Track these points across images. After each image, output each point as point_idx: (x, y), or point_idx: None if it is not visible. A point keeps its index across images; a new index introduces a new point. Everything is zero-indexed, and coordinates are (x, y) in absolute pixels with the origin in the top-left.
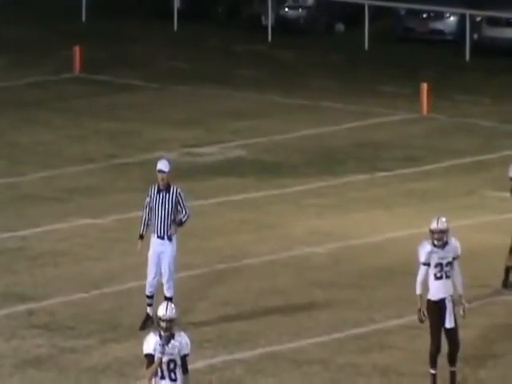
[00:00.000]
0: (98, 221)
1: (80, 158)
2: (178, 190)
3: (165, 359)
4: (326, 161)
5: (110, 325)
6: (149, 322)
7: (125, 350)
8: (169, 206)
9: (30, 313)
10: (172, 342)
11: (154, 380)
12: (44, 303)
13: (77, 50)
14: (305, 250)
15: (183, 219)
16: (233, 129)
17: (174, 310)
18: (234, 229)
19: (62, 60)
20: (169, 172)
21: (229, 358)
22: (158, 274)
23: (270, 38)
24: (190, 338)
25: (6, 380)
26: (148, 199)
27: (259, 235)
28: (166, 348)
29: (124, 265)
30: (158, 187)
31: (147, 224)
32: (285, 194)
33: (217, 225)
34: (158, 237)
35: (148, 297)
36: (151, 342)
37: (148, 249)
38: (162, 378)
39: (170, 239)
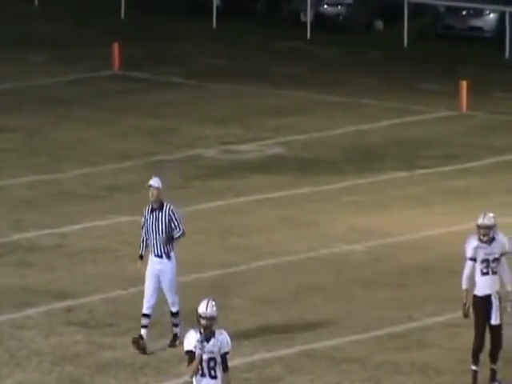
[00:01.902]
0: (137, 218)
1: (119, 155)
2: (171, 208)
3: (205, 357)
4: (365, 158)
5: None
6: (142, 343)
7: (163, 347)
8: (162, 224)
9: (69, 310)
10: (212, 339)
11: (194, 377)
12: (83, 300)
13: (116, 46)
14: (343, 248)
15: (176, 236)
16: (271, 126)
17: (214, 308)
18: (272, 226)
19: (101, 57)
20: (159, 188)
21: (267, 355)
22: (156, 292)
23: (308, 35)
24: (229, 335)
25: (45, 377)
26: (143, 219)
27: (298, 232)
28: (207, 346)
29: None
30: (152, 207)
31: (146, 244)
32: (323, 191)
33: (256, 222)
34: (155, 255)
35: (144, 315)
36: (192, 339)
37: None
38: (203, 375)
39: (168, 257)
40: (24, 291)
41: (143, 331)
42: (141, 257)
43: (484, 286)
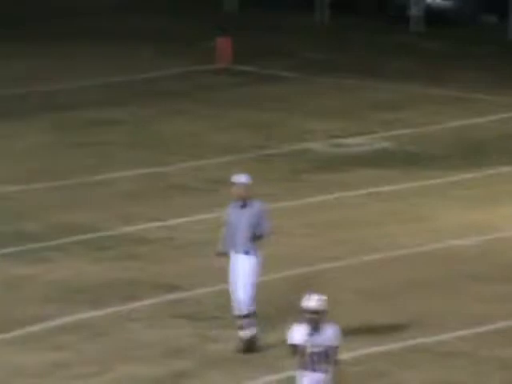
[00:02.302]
0: None
1: (226, 149)
2: (259, 205)
3: (314, 350)
4: (474, 152)
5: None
6: (250, 345)
7: (270, 341)
8: (247, 221)
9: (177, 302)
10: (321, 333)
11: (301, 371)
12: (190, 293)
13: (223, 40)
14: (453, 243)
15: (261, 234)
16: (379, 120)
17: (319, 302)
18: (380, 220)
19: (208, 51)
20: (247, 185)
21: (374, 350)
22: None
23: (417, 28)
24: (338, 329)
25: (152, 369)
26: (227, 216)
27: (406, 227)
28: (314, 339)
29: (269, 255)
30: (239, 203)
31: (227, 241)
32: (432, 185)
33: (363, 216)
34: (237, 253)
35: (235, 317)
36: (297, 333)
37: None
38: (310, 369)
39: (249, 254)
40: (132, 284)
41: (241, 333)
42: (219, 253)
43: None
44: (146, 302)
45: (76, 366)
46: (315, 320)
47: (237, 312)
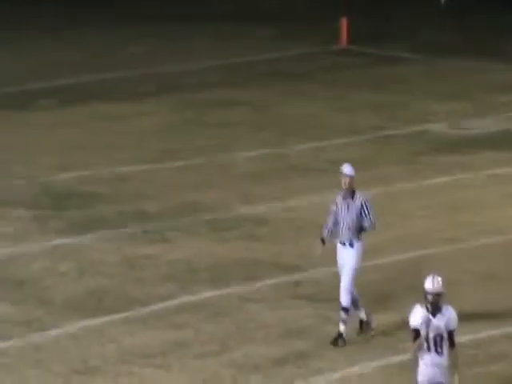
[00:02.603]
0: (365, 193)
1: (346, 130)
2: (363, 198)
3: (431, 333)
4: None
5: (376, 296)
6: (340, 341)
7: (391, 322)
8: (352, 213)
9: (297, 283)
10: (439, 315)
11: (420, 353)
12: (310, 274)
13: (344, 21)
14: None
15: (365, 226)
16: (501, 102)
17: (441, 284)
18: (501, 202)
19: (329, 32)
20: (352, 176)
21: (494, 332)
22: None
23: None
24: (456, 311)
25: (272, 350)
26: (334, 206)
27: None
28: (433, 322)
29: (389, 237)
30: (344, 194)
31: (331, 231)
32: None
33: (484, 198)
34: (340, 243)
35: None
36: (417, 316)
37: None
38: (429, 351)
39: (351, 245)
40: (252, 264)
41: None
42: (323, 241)
43: None
44: (266, 283)
45: (195, 346)
46: (436, 302)
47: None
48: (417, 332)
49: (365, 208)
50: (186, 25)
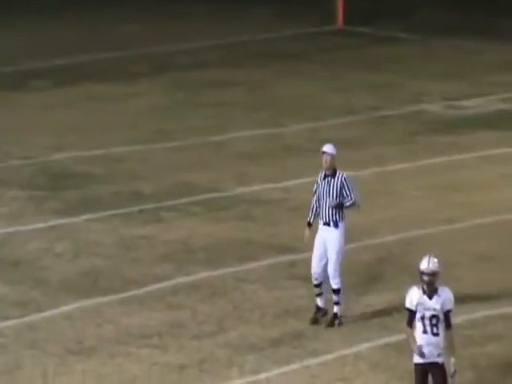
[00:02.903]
0: (359, 173)
1: (342, 110)
2: (344, 176)
3: (427, 314)
4: None
5: (371, 276)
6: (320, 316)
7: (386, 302)
8: (334, 192)
9: (292, 264)
10: (435, 296)
11: (416, 334)
12: (305, 255)
13: (340, 1)
14: None
15: (346, 204)
16: (496, 81)
17: (436, 264)
18: (496, 183)
19: (326, 12)
20: (333, 155)
21: (490, 313)
22: (323, 261)
23: None
24: (452, 292)
25: (267, 330)
26: (315, 186)
27: None
28: (429, 303)
29: (384, 217)
30: (325, 173)
31: (316, 212)
32: None
33: (479, 178)
34: (324, 223)
35: (315, 286)
36: (413, 296)
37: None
38: (425, 332)
39: (336, 225)
40: (247, 244)
41: (318, 300)
42: (309, 224)
43: None
44: (262, 263)
45: (192, 326)
46: (432, 282)
47: (314, 282)
48: (412, 313)
49: (346, 186)
50: (182, 4)
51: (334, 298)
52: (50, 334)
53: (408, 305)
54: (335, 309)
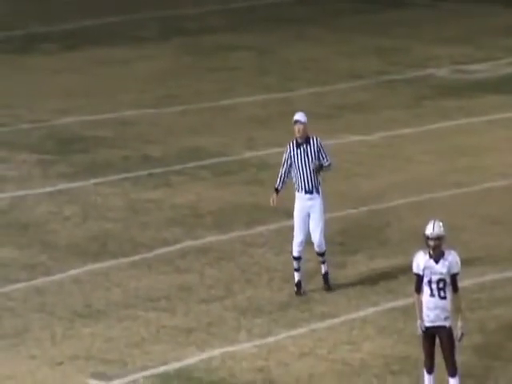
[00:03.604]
0: (367, 137)
1: (349, 75)
2: (319, 139)
3: (434, 278)
4: None
5: (378, 241)
6: (301, 290)
7: (393, 266)
8: (312, 157)
9: None
10: (442, 260)
11: (423, 298)
12: None
13: None
14: None
15: (325, 165)
16: (504, 46)
17: (441, 228)
18: (504, 146)
19: None
20: (305, 123)
21: (498, 276)
22: (306, 229)
23: None
24: (459, 256)
25: (275, 293)
26: (286, 155)
27: None
28: (436, 267)
29: (392, 181)
30: (297, 141)
31: (284, 181)
32: None
33: (487, 142)
34: (306, 192)
35: (295, 258)
36: (420, 261)
37: (293, 207)
38: (432, 295)
39: (318, 192)
40: (255, 209)
41: (297, 275)
42: (276, 190)
43: None
44: (269, 227)
45: (200, 290)
46: (437, 246)
47: (296, 254)
48: (419, 277)
49: (322, 149)
50: None
51: (322, 258)
52: (58, 298)
53: (415, 269)
54: (325, 268)
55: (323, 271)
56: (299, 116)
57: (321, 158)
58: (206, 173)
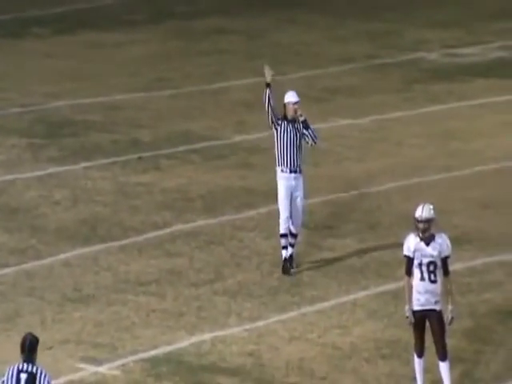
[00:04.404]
0: (358, 121)
1: (341, 58)
2: (304, 116)
3: (425, 261)
4: None
5: (368, 224)
6: (288, 265)
7: (383, 250)
8: (299, 137)
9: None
10: (432, 243)
11: (414, 281)
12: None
13: None
14: None
15: (310, 142)
16: (495, 29)
17: (431, 211)
18: (494, 131)
19: None
20: (298, 102)
21: (489, 260)
22: (290, 207)
23: None
24: (449, 239)
25: (265, 278)
26: (279, 122)
27: None
28: (426, 250)
29: (382, 165)
30: (287, 119)
31: (274, 113)
32: None
33: (477, 126)
34: (291, 171)
35: (282, 236)
36: (411, 243)
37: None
38: (422, 279)
39: (301, 171)
40: (245, 192)
41: (284, 252)
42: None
43: None
44: (260, 211)
45: (190, 274)
46: (426, 229)
47: (283, 231)
48: (409, 259)
49: (308, 125)
50: None
51: (293, 240)
52: (48, 282)
53: (406, 251)
54: (291, 250)
55: (289, 253)
56: (295, 96)
57: (306, 133)
58: (196, 157)
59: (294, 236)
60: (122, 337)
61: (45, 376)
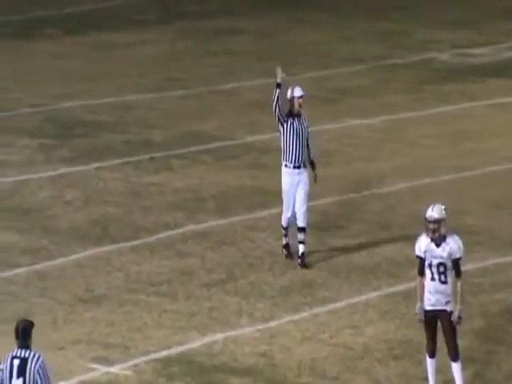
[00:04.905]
0: (369, 121)
1: (351, 59)
2: (306, 118)
3: (435, 262)
4: None
5: (380, 225)
6: (290, 250)
7: (395, 251)
8: (305, 133)
9: None
10: (442, 244)
11: (425, 281)
12: (315, 202)
13: None
14: None
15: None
16: (505, 29)
17: (442, 211)
18: (506, 130)
19: None
20: (303, 96)
21: (501, 260)
22: (294, 202)
23: None
24: (461, 240)
25: (277, 278)
26: (287, 120)
27: None
28: (437, 251)
29: (394, 165)
30: (293, 114)
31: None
32: None
33: (489, 126)
34: (295, 167)
35: (285, 228)
36: (422, 244)
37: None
38: (433, 279)
39: (305, 166)
40: (257, 192)
41: (284, 239)
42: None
43: None
44: (272, 211)
45: (201, 274)
46: (436, 229)
47: (285, 224)
48: (421, 260)
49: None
50: None
51: (301, 237)
52: (60, 282)
53: (417, 252)
54: (302, 248)
55: (301, 251)
56: (300, 91)
57: (308, 136)
58: (208, 157)
59: (303, 230)
60: (133, 337)
61: (37, 359)
